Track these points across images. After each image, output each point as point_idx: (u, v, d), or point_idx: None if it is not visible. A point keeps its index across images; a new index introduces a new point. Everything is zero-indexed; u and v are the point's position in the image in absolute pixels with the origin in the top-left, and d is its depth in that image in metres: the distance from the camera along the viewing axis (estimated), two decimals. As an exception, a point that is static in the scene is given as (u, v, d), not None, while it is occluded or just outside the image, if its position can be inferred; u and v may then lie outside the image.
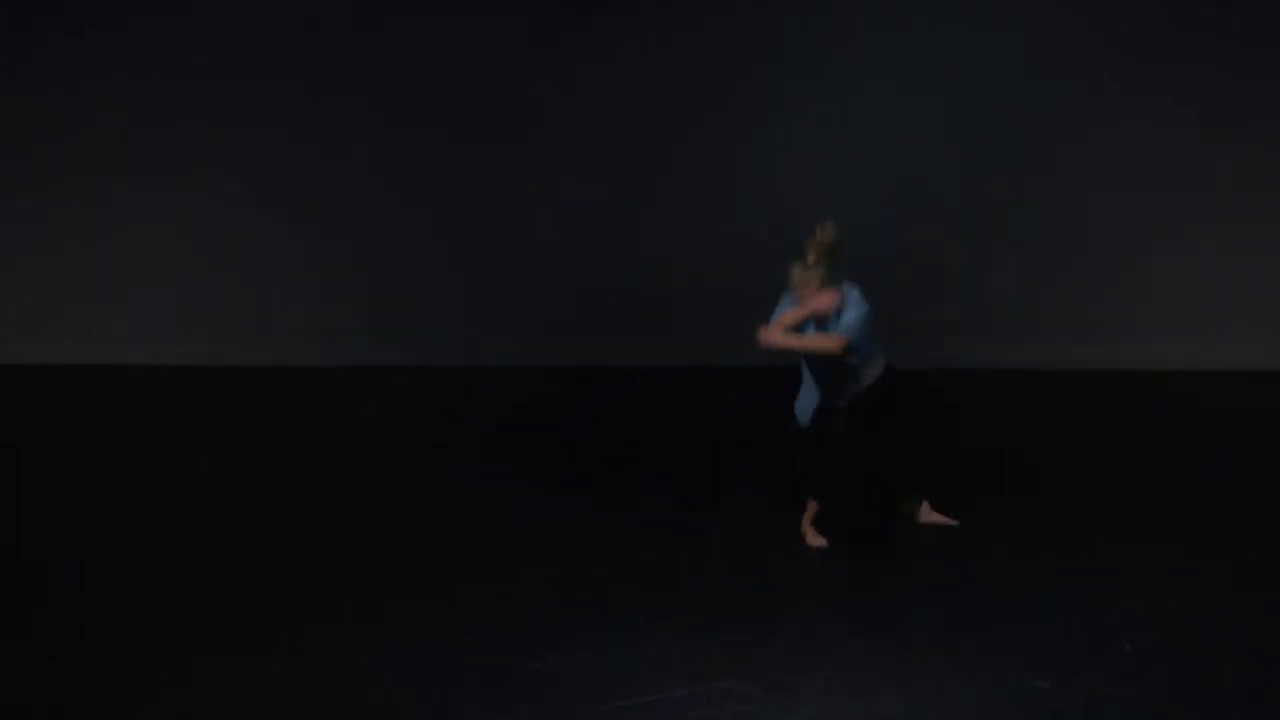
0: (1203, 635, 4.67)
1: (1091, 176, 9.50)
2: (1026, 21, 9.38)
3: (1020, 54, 9.35)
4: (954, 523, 5.88)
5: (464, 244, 9.74)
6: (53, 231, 9.80)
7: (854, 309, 5.35)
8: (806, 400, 5.63)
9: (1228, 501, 6.39)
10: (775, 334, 5.33)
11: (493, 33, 9.50)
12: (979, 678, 4.24)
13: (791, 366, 5.70)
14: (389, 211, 9.73)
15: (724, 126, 9.56)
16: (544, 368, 9.26)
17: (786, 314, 5.36)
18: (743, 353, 9.04)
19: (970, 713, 4.01)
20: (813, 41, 9.44)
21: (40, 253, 9.83)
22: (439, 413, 8.39)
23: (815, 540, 5.76)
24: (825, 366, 5.43)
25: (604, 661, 4.36)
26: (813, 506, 5.79)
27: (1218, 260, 9.44)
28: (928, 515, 5.95)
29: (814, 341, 5.32)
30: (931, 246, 9.48)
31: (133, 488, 6.63)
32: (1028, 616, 4.82)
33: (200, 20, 9.53)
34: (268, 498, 6.46)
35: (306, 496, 6.47)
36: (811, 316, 5.31)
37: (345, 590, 5.12)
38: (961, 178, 9.47)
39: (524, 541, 5.70)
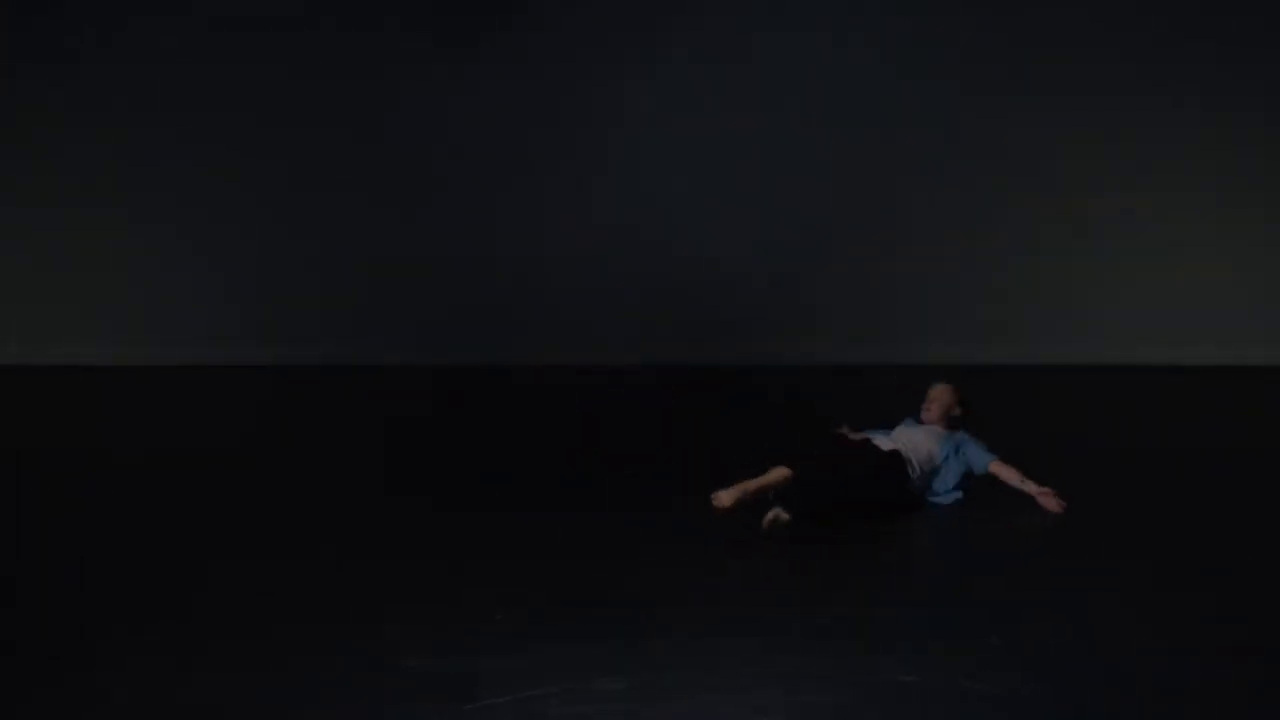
0: (1083, 632, 4.66)
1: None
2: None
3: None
4: (787, 518, 5.72)
5: (330, 244, 9.86)
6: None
7: (974, 450, 6.16)
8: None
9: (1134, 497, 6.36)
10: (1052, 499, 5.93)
11: (360, 37, 9.62)
12: (857, 675, 4.24)
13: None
14: (258, 213, 9.86)
15: (599, 129, 9.70)
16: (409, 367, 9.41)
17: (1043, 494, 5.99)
18: (605, 352, 9.50)
19: (846, 708, 4.02)
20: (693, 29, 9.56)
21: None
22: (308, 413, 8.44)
23: (727, 502, 5.64)
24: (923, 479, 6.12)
25: (476, 661, 4.29)
26: (774, 475, 5.69)
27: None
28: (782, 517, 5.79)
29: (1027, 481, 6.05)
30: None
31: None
32: (919, 617, 4.80)
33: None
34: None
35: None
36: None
37: (233, 595, 5.11)
38: (842, 176, 9.62)
39: (396, 545, 5.62)
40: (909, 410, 6.67)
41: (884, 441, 6.16)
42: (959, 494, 6.12)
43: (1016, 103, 9.56)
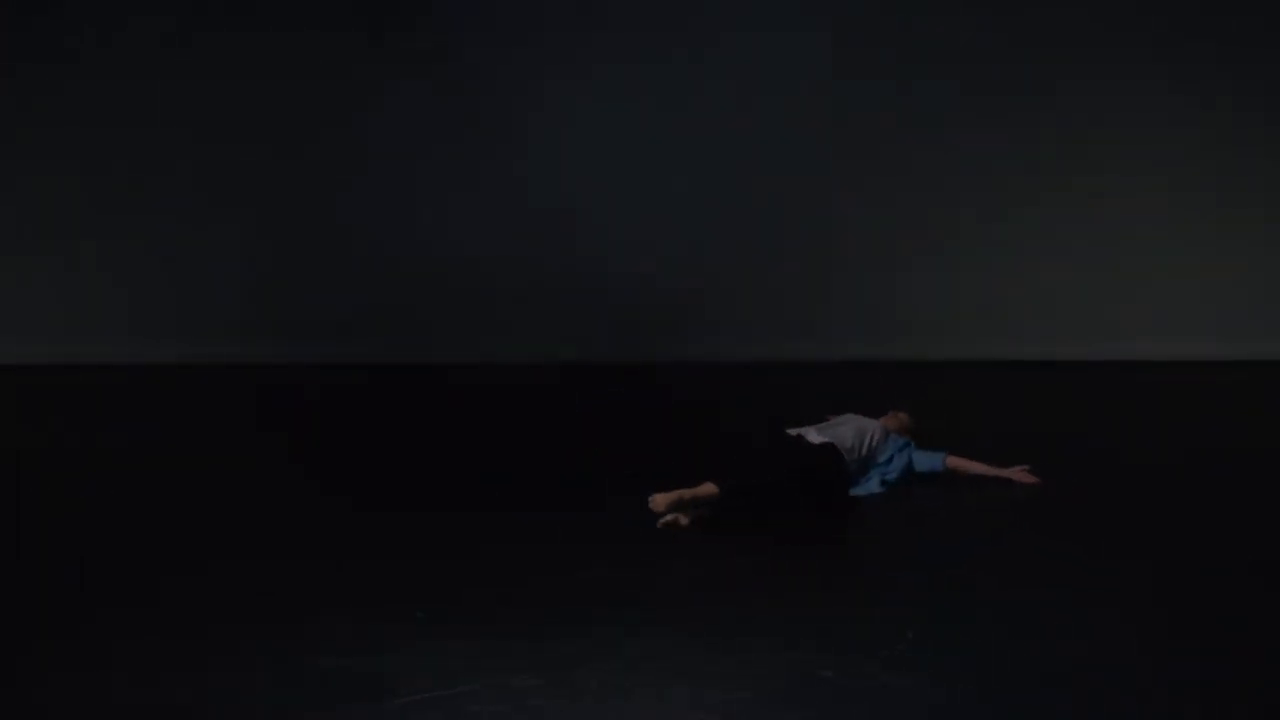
0: (991, 625, 4.68)
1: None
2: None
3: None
4: (685, 524, 5.76)
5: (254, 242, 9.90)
6: None
7: (920, 454, 6.53)
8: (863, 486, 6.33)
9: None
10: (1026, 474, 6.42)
11: (285, 38, 9.67)
12: (775, 671, 4.24)
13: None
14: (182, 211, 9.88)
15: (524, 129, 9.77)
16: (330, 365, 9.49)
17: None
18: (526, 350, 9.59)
19: (762, 704, 4.02)
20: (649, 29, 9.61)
21: None
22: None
23: (662, 506, 5.68)
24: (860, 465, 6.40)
25: (392, 660, 4.28)
26: (703, 490, 5.73)
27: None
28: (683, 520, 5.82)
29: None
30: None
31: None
32: (829, 614, 4.79)
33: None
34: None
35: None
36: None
37: (140, 587, 5.10)
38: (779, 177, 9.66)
39: (319, 543, 5.61)
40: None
41: (816, 435, 6.31)
42: (881, 488, 6.29)
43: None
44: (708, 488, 5.76)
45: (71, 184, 9.83)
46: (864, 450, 6.35)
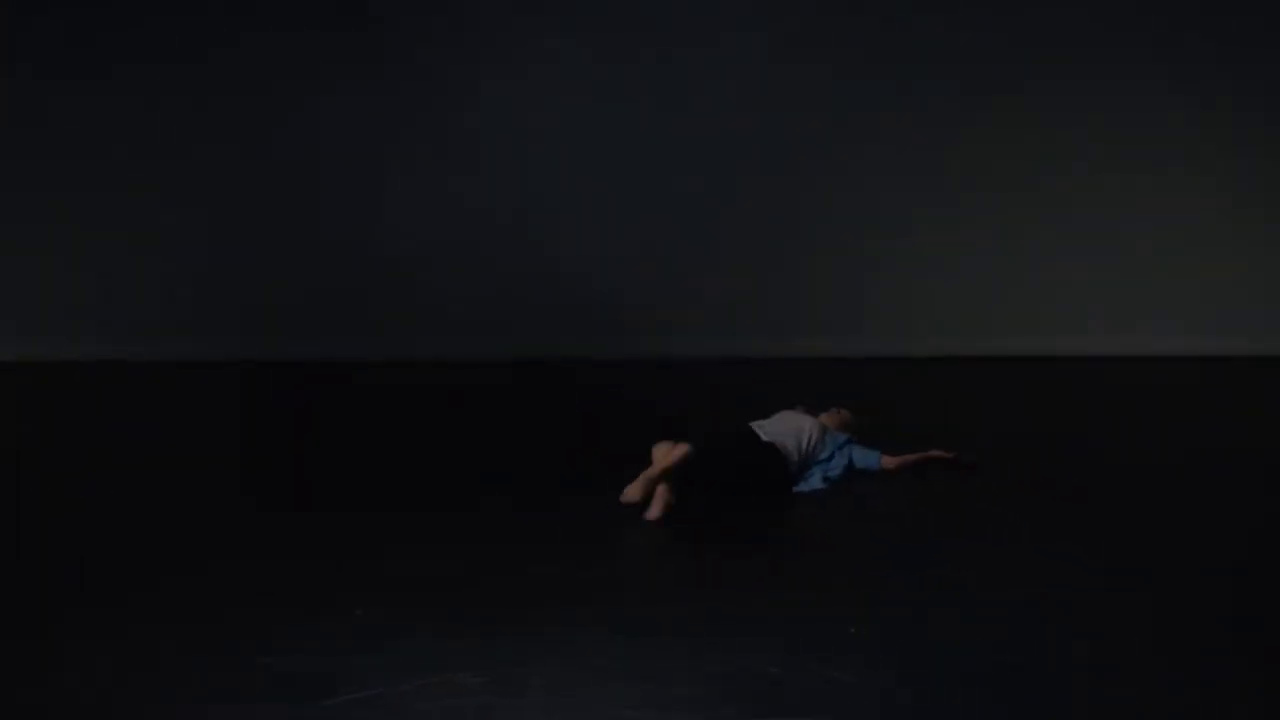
0: (938, 623, 4.68)
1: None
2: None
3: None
4: (671, 500, 5.82)
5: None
6: None
7: (859, 451, 6.63)
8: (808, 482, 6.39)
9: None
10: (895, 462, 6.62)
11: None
12: (721, 668, 4.22)
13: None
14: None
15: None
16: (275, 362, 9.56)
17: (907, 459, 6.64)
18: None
19: (708, 700, 4.00)
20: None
21: None
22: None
23: (637, 495, 5.74)
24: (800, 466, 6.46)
25: (335, 659, 4.29)
26: (676, 452, 5.80)
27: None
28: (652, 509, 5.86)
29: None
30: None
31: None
32: (780, 612, 4.80)
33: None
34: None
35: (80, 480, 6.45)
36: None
37: (87, 579, 5.13)
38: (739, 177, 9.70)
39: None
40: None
41: (762, 434, 6.39)
42: (823, 485, 6.35)
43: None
44: (679, 449, 5.84)
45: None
46: (804, 450, 6.44)
